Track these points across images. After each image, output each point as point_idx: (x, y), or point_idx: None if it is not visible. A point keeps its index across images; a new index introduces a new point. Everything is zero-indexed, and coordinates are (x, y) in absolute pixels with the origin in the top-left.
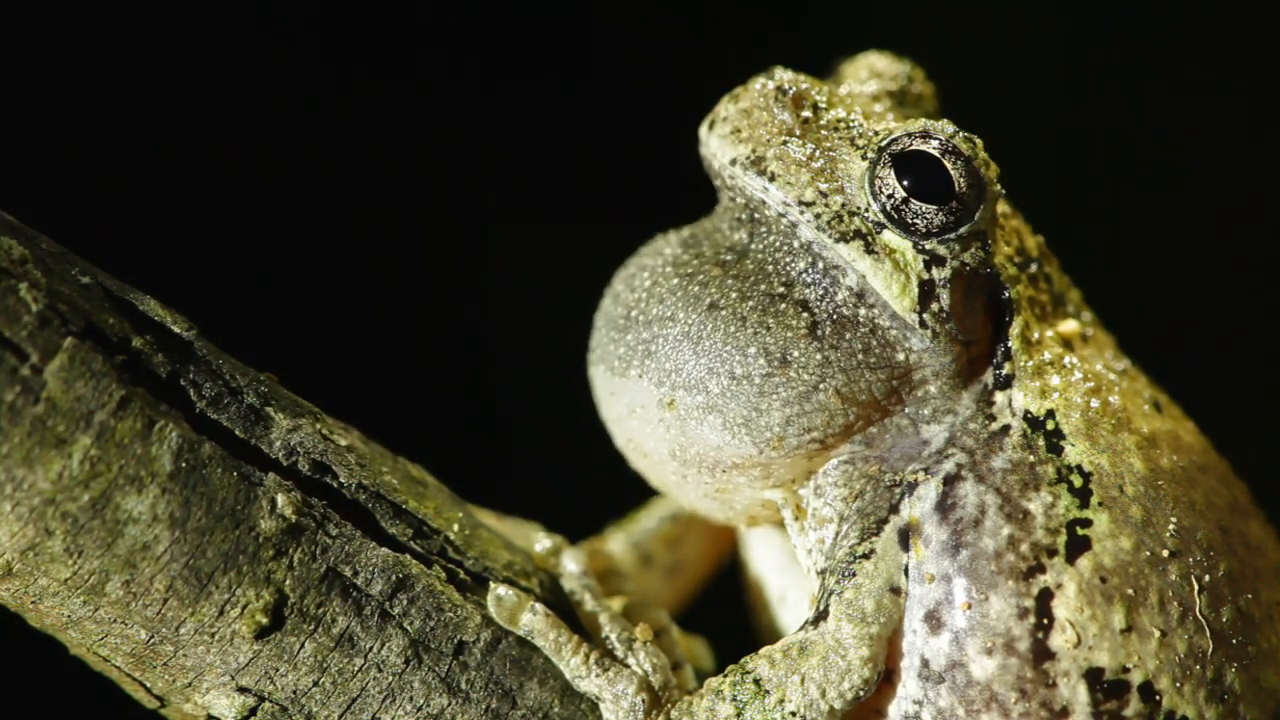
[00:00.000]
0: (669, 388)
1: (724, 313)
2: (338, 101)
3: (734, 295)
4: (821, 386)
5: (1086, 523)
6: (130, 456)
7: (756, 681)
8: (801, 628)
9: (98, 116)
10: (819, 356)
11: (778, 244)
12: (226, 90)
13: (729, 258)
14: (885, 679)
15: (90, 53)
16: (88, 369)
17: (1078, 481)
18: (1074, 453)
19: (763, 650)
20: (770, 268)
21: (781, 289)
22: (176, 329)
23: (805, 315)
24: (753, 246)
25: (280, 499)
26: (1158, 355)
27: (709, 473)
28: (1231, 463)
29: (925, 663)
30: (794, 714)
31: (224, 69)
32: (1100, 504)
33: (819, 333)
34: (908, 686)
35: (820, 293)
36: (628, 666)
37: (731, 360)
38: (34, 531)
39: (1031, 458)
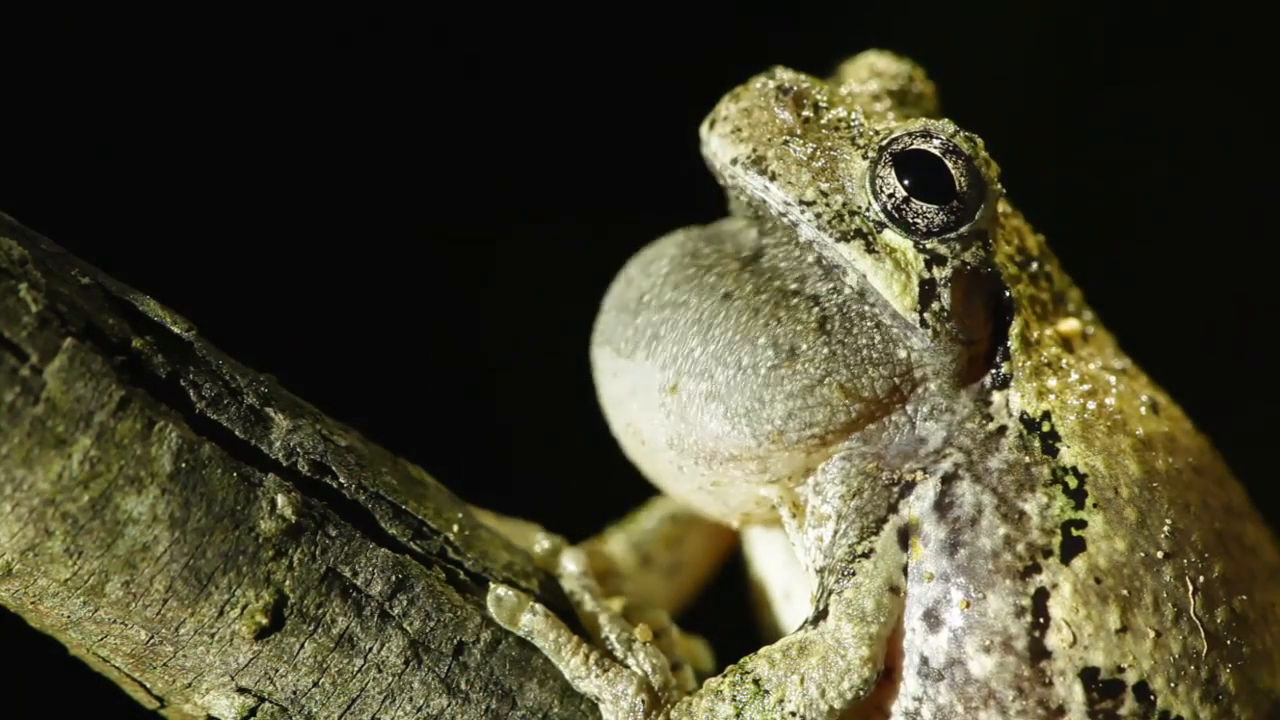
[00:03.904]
0: (674, 372)
1: (738, 303)
2: (339, 102)
3: (749, 288)
4: (826, 380)
5: (1081, 524)
6: (130, 457)
7: (756, 681)
8: (801, 627)
9: (97, 116)
10: (826, 350)
11: (787, 238)
12: (226, 90)
13: (746, 254)
14: (885, 676)
15: (90, 52)
16: (88, 369)
17: (1073, 483)
18: (1069, 454)
19: (762, 650)
20: (783, 264)
21: (794, 285)
22: (176, 329)
23: (816, 310)
24: (765, 243)
25: (280, 499)
26: (1158, 355)
27: (705, 464)
28: (1231, 463)
29: (924, 660)
30: (793, 714)
31: (224, 69)
32: (1095, 505)
33: (828, 327)
34: (907, 683)
35: (830, 288)
36: (627, 667)
37: (740, 349)
38: (34, 532)
39: (1027, 459)
